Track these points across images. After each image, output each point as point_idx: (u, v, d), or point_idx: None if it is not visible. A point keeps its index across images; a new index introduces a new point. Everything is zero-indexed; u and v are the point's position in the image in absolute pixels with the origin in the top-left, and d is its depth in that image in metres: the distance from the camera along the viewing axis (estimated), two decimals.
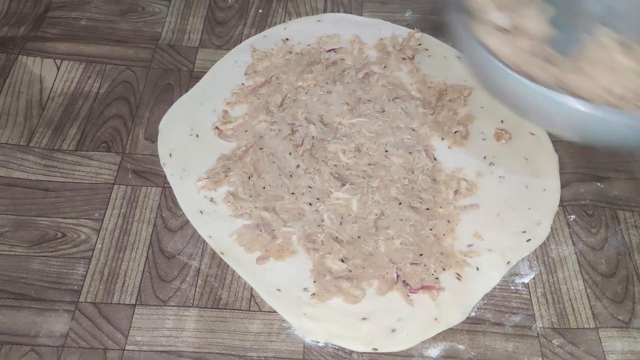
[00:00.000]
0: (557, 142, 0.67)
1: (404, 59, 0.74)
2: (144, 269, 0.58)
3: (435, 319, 0.55)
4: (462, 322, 0.55)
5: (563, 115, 0.48)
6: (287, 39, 0.76)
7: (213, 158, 0.65)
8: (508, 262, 0.59)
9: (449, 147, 0.67)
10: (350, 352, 0.53)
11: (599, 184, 0.65)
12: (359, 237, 0.59)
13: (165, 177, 0.64)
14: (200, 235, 0.60)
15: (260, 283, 0.57)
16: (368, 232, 0.60)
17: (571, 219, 0.62)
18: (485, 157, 0.66)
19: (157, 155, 0.66)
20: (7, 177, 0.63)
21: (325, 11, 0.81)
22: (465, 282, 0.57)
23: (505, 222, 0.61)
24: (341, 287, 0.56)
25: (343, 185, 0.62)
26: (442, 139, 0.67)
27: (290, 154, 0.65)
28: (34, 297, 0.55)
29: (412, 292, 0.56)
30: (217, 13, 0.80)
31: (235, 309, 0.56)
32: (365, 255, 0.58)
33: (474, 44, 0.51)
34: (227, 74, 0.73)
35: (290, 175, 0.63)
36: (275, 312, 0.55)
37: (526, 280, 0.58)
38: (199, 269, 0.58)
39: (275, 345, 0.54)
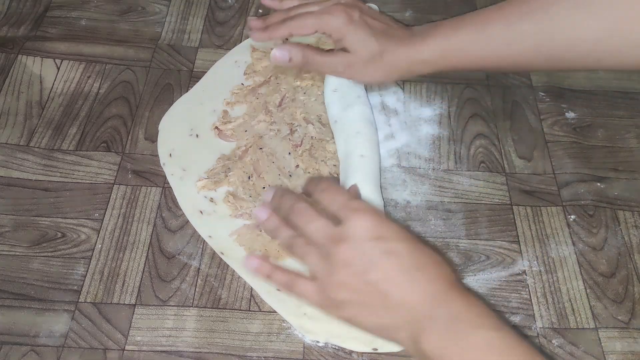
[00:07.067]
0: (557, 143, 0.67)
1: None
2: (144, 269, 0.58)
3: None
4: None
5: None
6: (287, 39, 0.76)
7: (213, 158, 0.65)
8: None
9: None
10: (350, 352, 0.53)
11: (599, 184, 0.65)
12: None
13: (165, 177, 0.64)
14: (200, 235, 0.60)
15: (260, 283, 0.57)
16: None
17: (571, 219, 0.62)
18: None
19: (157, 155, 0.66)
20: (7, 177, 0.63)
21: None
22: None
23: None
24: None
25: None
26: None
27: (289, 153, 0.65)
28: (34, 297, 0.55)
29: None
30: (217, 13, 0.80)
31: (235, 309, 0.56)
32: None
33: None
34: (227, 74, 0.73)
35: (290, 175, 0.63)
36: (275, 312, 0.55)
37: (526, 280, 0.58)
38: (199, 268, 0.58)
39: (275, 345, 0.54)
